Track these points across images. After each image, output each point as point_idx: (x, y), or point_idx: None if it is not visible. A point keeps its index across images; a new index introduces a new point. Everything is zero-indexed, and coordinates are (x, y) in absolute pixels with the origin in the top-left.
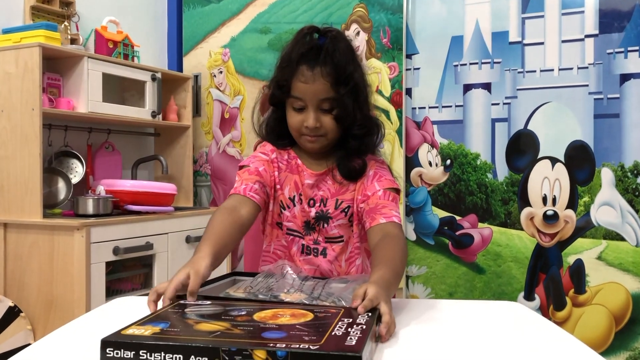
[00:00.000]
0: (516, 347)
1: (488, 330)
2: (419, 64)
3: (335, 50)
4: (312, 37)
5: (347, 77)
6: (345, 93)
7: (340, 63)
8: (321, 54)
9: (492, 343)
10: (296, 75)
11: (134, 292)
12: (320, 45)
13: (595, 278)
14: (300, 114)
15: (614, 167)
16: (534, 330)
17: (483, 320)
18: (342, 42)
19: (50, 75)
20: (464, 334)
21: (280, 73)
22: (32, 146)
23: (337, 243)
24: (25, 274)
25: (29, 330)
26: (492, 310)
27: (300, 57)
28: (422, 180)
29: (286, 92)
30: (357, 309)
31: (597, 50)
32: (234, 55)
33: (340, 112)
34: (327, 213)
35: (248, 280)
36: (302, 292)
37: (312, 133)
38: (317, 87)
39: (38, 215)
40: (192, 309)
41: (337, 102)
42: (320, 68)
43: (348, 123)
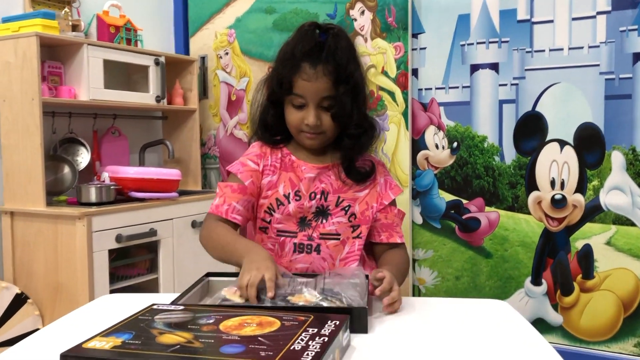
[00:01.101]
0: (486, 348)
1: (467, 329)
2: (425, 44)
3: (337, 48)
4: (314, 34)
5: (348, 75)
6: (344, 92)
7: (342, 61)
8: (323, 52)
9: (465, 342)
10: (298, 73)
11: (139, 277)
12: (322, 43)
13: (604, 263)
14: (300, 111)
15: (624, 150)
16: (511, 332)
17: (465, 319)
18: (344, 40)
19: (51, 63)
20: (443, 332)
21: (281, 70)
22: (34, 136)
23: (332, 240)
24: (32, 261)
25: (37, 315)
26: (478, 309)
27: (302, 54)
28: (428, 163)
29: (287, 89)
30: (375, 292)
31: (609, 28)
32: (239, 36)
33: (339, 111)
34: (327, 208)
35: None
36: (308, 291)
37: (312, 130)
38: (319, 85)
39: (42, 204)
40: (162, 316)
41: (336, 101)
42: (322, 66)
43: (345, 122)
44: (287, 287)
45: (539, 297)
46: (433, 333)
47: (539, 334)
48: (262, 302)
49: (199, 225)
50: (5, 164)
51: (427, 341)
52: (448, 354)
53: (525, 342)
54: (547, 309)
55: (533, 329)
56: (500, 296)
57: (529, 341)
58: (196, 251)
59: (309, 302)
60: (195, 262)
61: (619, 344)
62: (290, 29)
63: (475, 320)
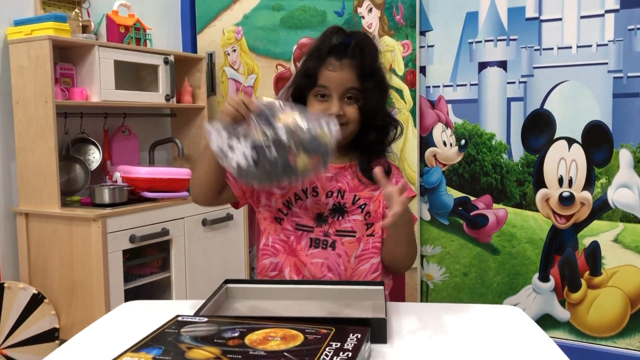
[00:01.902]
0: (501, 356)
1: (482, 336)
2: (432, 41)
3: (363, 47)
4: (339, 36)
5: (375, 71)
6: (372, 87)
7: (368, 59)
8: (349, 48)
9: (480, 350)
10: (324, 65)
11: (152, 275)
12: (347, 43)
13: (611, 260)
14: (323, 102)
15: (632, 148)
16: (524, 339)
17: (480, 326)
18: (370, 42)
19: (63, 65)
20: (459, 340)
21: (308, 63)
22: (47, 138)
23: (348, 237)
24: (48, 262)
25: (54, 315)
26: (492, 315)
27: (328, 50)
28: (436, 160)
29: (313, 81)
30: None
31: (617, 26)
32: (247, 33)
33: (367, 103)
34: (344, 206)
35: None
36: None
37: None
38: (344, 75)
39: (56, 206)
40: (188, 329)
41: (363, 94)
42: (348, 60)
43: (372, 114)
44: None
45: (546, 293)
46: (449, 341)
47: (551, 340)
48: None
49: (209, 223)
50: (20, 166)
51: (444, 350)
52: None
53: (538, 350)
54: (554, 305)
55: (545, 335)
56: (508, 292)
57: (542, 349)
58: (207, 249)
59: (294, 124)
60: (207, 260)
61: (625, 340)
62: (298, 26)
63: (490, 327)
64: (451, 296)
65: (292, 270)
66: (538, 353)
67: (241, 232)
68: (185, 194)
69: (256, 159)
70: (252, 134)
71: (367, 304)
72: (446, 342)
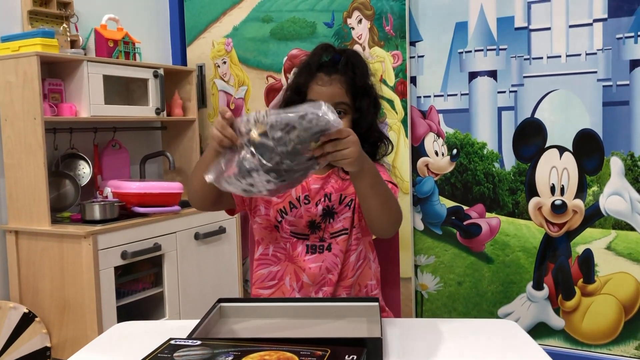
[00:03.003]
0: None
1: (478, 352)
2: (423, 52)
3: (355, 64)
4: (329, 53)
5: (368, 89)
6: (367, 105)
7: (359, 75)
8: (340, 64)
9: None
10: (314, 80)
11: (144, 291)
12: (338, 60)
13: (605, 268)
14: None
15: (623, 156)
16: (518, 353)
17: (476, 341)
18: (360, 59)
19: (51, 80)
20: (456, 356)
21: (298, 78)
22: (36, 155)
23: (341, 236)
24: (38, 280)
25: (45, 334)
26: (487, 330)
27: (318, 66)
28: (428, 169)
29: (303, 96)
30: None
31: (606, 35)
32: (236, 44)
33: (361, 121)
34: (332, 208)
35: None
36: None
37: None
38: (334, 90)
39: (46, 223)
40: (181, 353)
41: (353, 110)
42: (338, 75)
43: (367, 131)
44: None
45: (540, 301)
46: (446, 358)
47: (548, 356)
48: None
49: (202, 237)
50: (8, 183)
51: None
52: None
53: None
54: (548, 313)
55: (540, 349)
56: (503, 301)
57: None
58: (200, 263)
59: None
60: (200, 274)
61: (620, 347)
62: (288, 38)
63: (486, 342)
64: (446, 306)
65: (292, 278)
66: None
67: (234, 245)
68: (177, 208)
69: (278, 178)
70: (255, 161)
71: (362, 320)
72: (442, 359)
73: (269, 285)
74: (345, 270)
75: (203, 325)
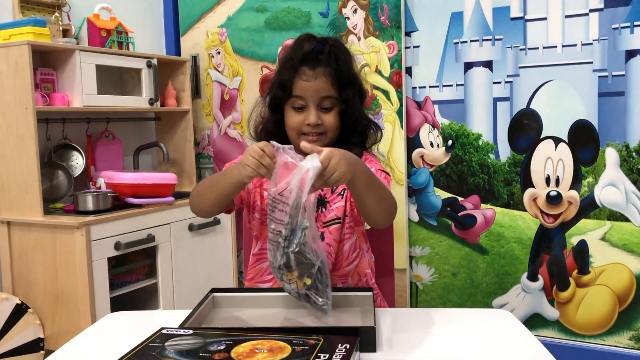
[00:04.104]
0: (489, 358)
1: (472, 342)
2: (418, 42)
3: (336, 53)
4: (311, 43)
5: (352, 79)
6: (353, 95)
7: (343, 65)
8: (322, 56)
9: (466, 355)
10: (298, 75)
11: (138, 282)
12: (320, 50)
13: (599, 259)
14: (300, 113)
15: (618, 147)
16: (515, 344)
17: (471, 331)
18: (343, 48)
19: (43, 70)
20: (449, 346)
21: (282, 74)
22: (29, 145)
23: (334, 225)
24: (31, 271)
25: (38, 325)
26: (482, 320)
27: (301, 58)
28: (423, 161)
29: (288, 92)
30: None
31: (602, 26)
32: (231, 35)
33: (348, 112)
34: (324, 197)
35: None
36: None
37: (313, 131)
38: (319, 84)
39: (39, 214)
40: (173, 342)
41: (340, 101)
42: (321, 68)
43: (354, 121)
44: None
45: (535, 292)
46: (439, 347)
47: (540, 343)
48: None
49: (196, 228)
50: (0, 174)
51: (434, 357)
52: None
53: (527, 353)
54: (543, 304)
55: (535, 338)
56: (497, 292)
57: (531, 352)
58: (194, 255)
59: None
60: (194, 266)
61: (614, 338)
62: (282, 28)
63: (480, 332)
64: (441, 297)
65: None
66: (527, 356)
67: (229, 236)
68: (171, 199)
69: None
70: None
71: (356, 310)
72: (436, 349)
73: (267, 280)
74: (340, 260)
75: (195, 315)
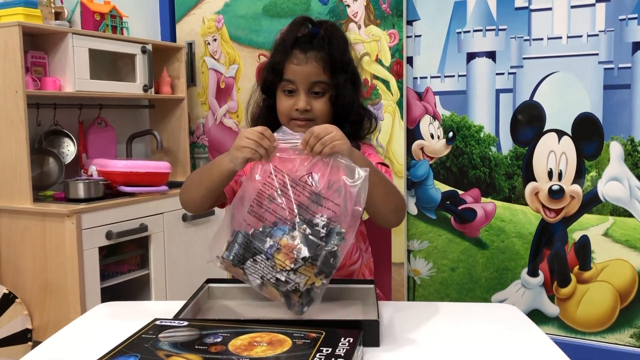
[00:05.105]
0: (497, 355)
1: (477, 336)
2: (420, 31)
3: (330, 38)
4: (307, 26)
5: (345, 64)
6: (344, 81)
7: (336, 51)
8: (315, 40)
9: (475, 350)
10: (289, 58)
11: (130, 273)
12: (314, 34)
13: (601, 255)
14: (290, 98)
15: (623, 140)
16: (521, 338)
17: (475, 325)
18: (338, 32)
19: (34, 53)
20: (454, 340)
21: (274, 57)
22: (18, 130)
23: None
24: (20, 260)
25: (26, 315)
26: (487, 314)
27: (294, 41)
28: (423, 153)
29: (279, 75)
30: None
31: (608, 16)
32: (227, 21)
33: (340, 98)
34: (320, 193)
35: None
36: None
37: (302, 116)
38: (309, 69)
39: (28, 201)
40: (167, 334)
41: (332, 87)
42: (314, 52)
43: (346, 109)
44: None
45: (535, 288)
46: (445, 342)
47: (549, 338)
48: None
49: (190, 218)
50: None
51: (439, 352)
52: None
53: (536, 349)
54: (543, 300)
55: (542, 333)
56: (496, 287)
57: (539, 347)
58: (188, 245)
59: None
60: (188, 257)
61: (615, 335)
62: (281, 15)
63: (487, 326)
64: (439, 292)
65: None
66: (536, 352)
67: None
68: (165, 188)
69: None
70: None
71: (357, 303)
72: (441, 343)
73: None
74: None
75: (190, 306)
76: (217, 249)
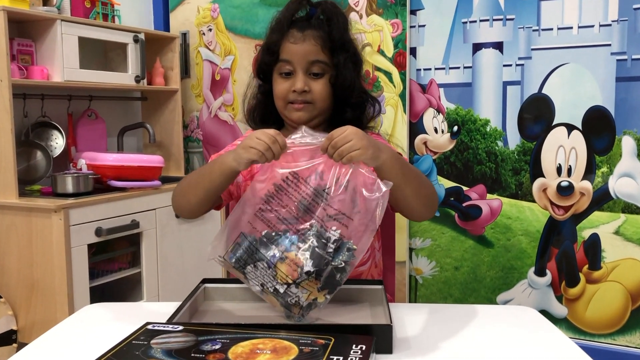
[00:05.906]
0: (519, 357)
1: (494, 340)
2: (424, 21)
3: (331, 15)
4: (304, 6)
5: (345, 43)
6: (344, 60)
7: (336, 28)
8: (313, 19)
9: (495, 350)
10: (285, 37)
11: (120, 271)
12: (312, 14)
13: (612, 253)
14: (288, 79)
15: (636, 135)
16: (540, 341)
17: (492, 328)
18: (338, 11)
19: (20, 40)
20: (470, 345)
21: (269, 37)
22: (3, 121)
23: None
24: (4, 257)
25: (11, 315)
26: (504, 316)
27: (291, 20)
28: (427, 147)
29: (275, 56)
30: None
31: (621, 6)
32: (223, 11)
33: (340, 79)
34: (325, 189)
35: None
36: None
37: (299, 98)
38: (307, 47)
39: (13, 196)
40: (159, 340)
41: (331, 68)
42: (311, 30)
43: (346, 90)
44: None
45: (542, 288)
46: (463, 347)
47: (575, 345)
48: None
49: None
50: None
51: (458, 358)
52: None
53: (560, 351)
54: (551, 300)
55: (564, 336)
56: (502, 287)
57: (563, 350)
58: (181, 243)
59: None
60: (181, 255)
61: (625, 337)
62: (278, 4)
63: (506, 330)
64: (441, 291)
65: None
66: (561, 355)
67: (218, 224)
68: (157, 183)
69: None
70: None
71: (364, 305)
72: (460, 349)
73: None
74: None
75: (185, 308)
76: (220, 249)
